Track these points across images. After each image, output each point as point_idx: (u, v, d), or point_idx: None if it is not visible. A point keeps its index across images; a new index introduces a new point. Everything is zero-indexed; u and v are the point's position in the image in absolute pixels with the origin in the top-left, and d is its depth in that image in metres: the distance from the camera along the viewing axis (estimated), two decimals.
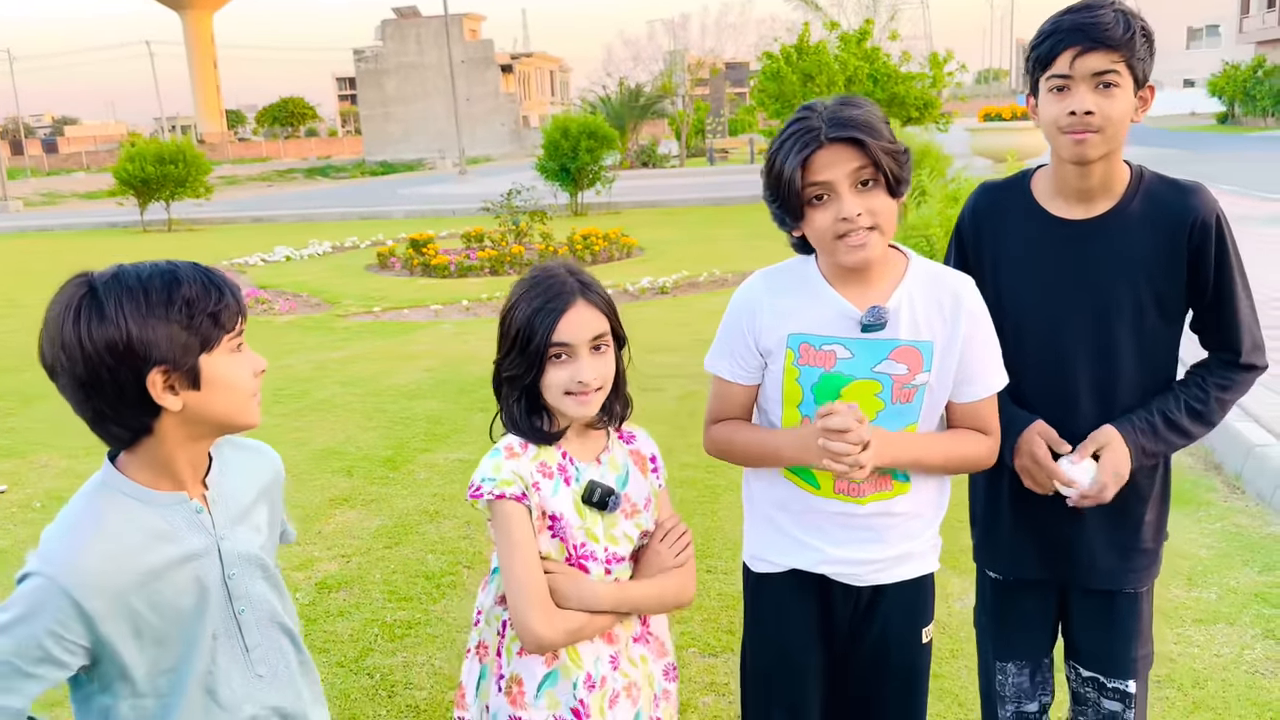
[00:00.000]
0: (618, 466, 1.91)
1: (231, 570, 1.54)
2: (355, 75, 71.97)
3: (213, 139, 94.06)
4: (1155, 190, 2.01)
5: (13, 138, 79.70)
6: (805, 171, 1.78)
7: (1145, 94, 1.95)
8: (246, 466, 1.63)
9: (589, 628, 1.82)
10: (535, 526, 1.82)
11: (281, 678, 1.62)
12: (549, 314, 1.77)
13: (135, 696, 1.48)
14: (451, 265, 13.15)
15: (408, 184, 37.29)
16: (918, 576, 2.03)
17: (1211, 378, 2.05)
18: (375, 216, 23.25)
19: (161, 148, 22.08)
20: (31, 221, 27.14)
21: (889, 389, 1.91)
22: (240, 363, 1.48)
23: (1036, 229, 2.07)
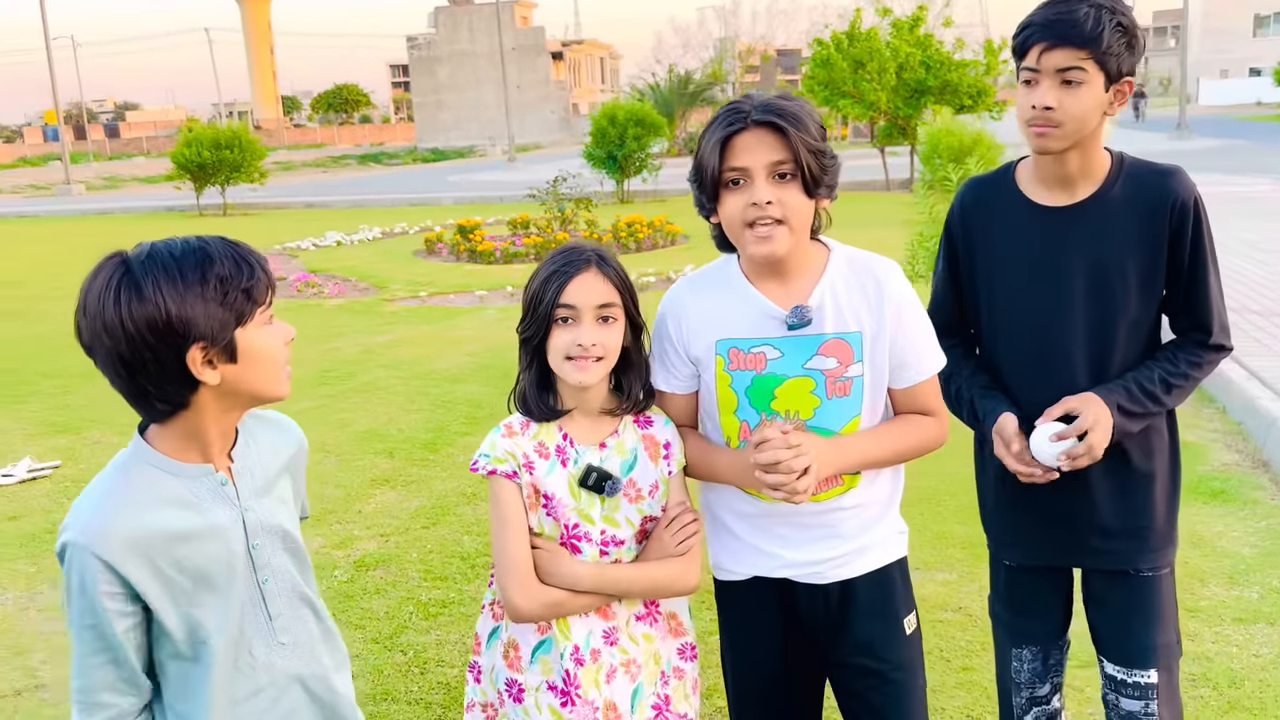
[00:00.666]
0: (625, 451, 1.93)
1: (255, 541, 1.59)
2: (408, 62, 72.56)
3: (269, 125, 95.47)
4: (1136, 174, 2.04)
5: (76, 123, 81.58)
6: (725, 154, 1.77)
7: (1122, 87, 1.97)
8: (271, 440, 1.68)
9: (569, 604, 1.87)
10: (527, 503, 1.87)
11: (303, 646, 1.67)
12: (560, 277, 1.83)
13: (174, 657, 1.54)
14: (497, 251, 13.27)
15: (457, 171, 37.59)
16: (884, 566, 2.00)
17: (1183, 354, 2.07)
18: (425, 203, 23.47)
19: (218, 133, 22.47)
20: (92, 205, 27.82)
21: (823, 384, 1.89)
22: (273, 334, 1.53)
23: (1021, 218, 2.10)
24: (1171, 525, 2.15)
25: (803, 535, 1.96)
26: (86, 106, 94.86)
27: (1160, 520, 2.12)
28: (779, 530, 1.97)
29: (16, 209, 28.10)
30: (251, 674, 1.60)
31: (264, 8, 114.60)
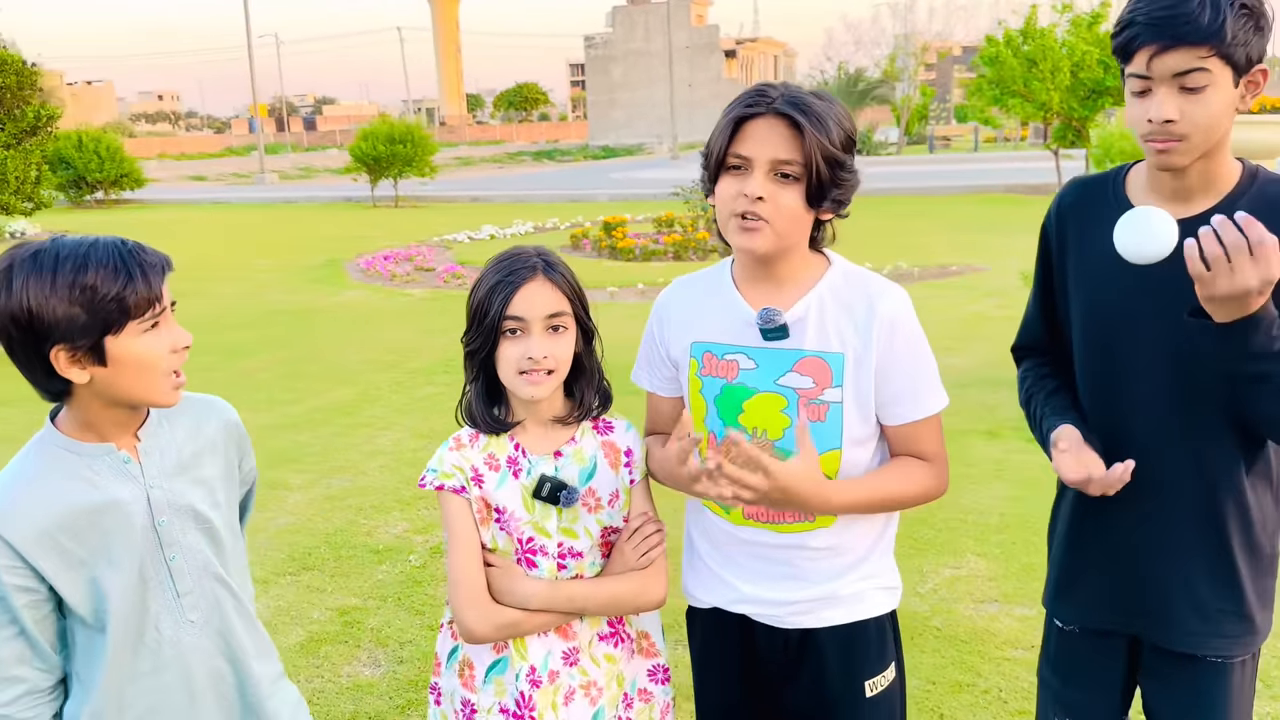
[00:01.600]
0: (584, 459, 1.85)
1: (161, 518, 1.62)
2: (584, 61, 74.11)
3: (453, 121, 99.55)
4: (1269, 193, 1.69)
5: (278, 116, 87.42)
6: (734, 137, 1.66)
7: (1255, 77, 1.63)
8: (192, 421, 1.70)
9: (525, 624, 1.79)
10: (478, 518, 1.81)
11: (214, 625, 1.68)
12: (506, 287, 1.74)
13: (82, 625, 1.59)
14: (636, 249, 13.34)
15: (620, 168, 38.13)
16: (854, 622, 1.83)
17: None
18: (580, 199, 23.91)
19: (393, 128, 23.53)
20: (281, 193, 29.75)
21: (794, 404, 1.75)
22: (151, 343, 1.53)
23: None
24: (1264, 609, 1.81)
25: (763, 568, 1.83)
26: (287, 101, 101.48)
27: (1250, 605, 1.79)
28: (741, 560, 1.85)
29: (215, 195, 30.38)
30: (157, 649, 1.62)
31: (453, 7, 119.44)
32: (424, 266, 13.24)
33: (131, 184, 26.78)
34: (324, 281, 12.36)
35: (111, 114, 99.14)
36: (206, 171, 44.75)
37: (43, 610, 1.55)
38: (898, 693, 1.90)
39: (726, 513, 1.84)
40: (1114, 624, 1.88)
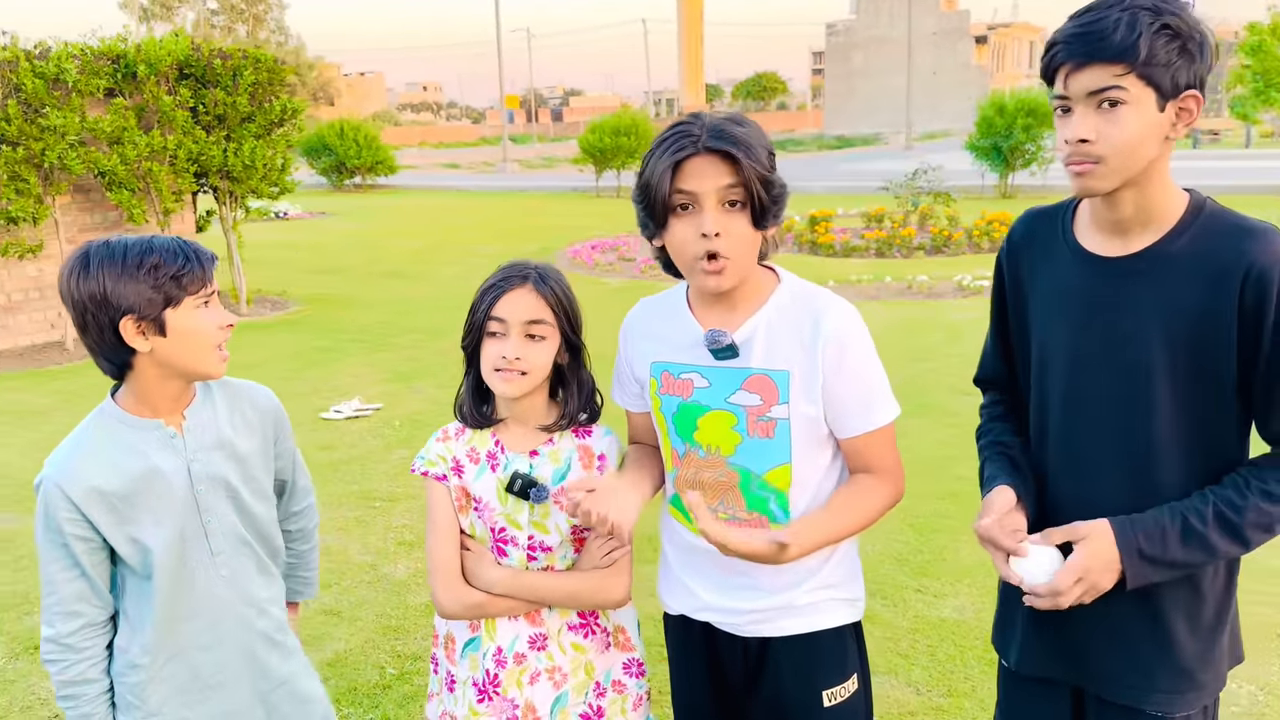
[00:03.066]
0: (559, 459, 1.96)
1: (199, 487, 1.88)
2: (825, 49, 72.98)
3: (690, 111, 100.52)
4: (1211, 228, 1.62)
5: (528, 107, 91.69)
6: (675, 177, 1.70)
7: (1187, 103, 1.55)
8: (230, 404, 1.96)
9: (490, 606, 1.94)
10: (458, 505, 1.97)
11: (241, 581, 1.95)
12: (495, 290, 1.90)
13: (131, 572, 1.88)
14: (837, 244, 13.13)
15: (851, 159, 37.37)
16: (812, 631, 1.87)
17: (1256, 480, 1.61)
18: (798, 191, 23.50)
19: (619, 120, 24.25)
20: (518, 182, 31.38)
21: (744, 421, 1.80)
22: (204, 317, 1.80)
23: (1067, 266, 1.75)
24: (1208, 665, 1.73)
25: (723, 579, 1.90)
26: (537, 92, 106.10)
27: (1187, 656, 1.71)
28: (702, 566, 1.92)
29: (459, 183, 32.41)
30: (192, 598, 1.89)
31: None
32: (627, 256, 13.63)
33: (385, 170, 29.05)
34: None
35: (381, 103, 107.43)
36: (460, 159, 47.68)
37: (98, 556, 1.83)
38: (860, 704, 1.92)
39: (690, 523, 1.90)
40: (1055, 674, 1.84)
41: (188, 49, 9.62)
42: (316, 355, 8.63)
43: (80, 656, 1.84)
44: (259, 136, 10.13)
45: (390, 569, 4.39)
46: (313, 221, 20.76)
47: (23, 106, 8.40)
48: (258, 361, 8.38)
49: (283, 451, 2.07)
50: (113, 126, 8.90)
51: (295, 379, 7.76)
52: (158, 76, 9.28)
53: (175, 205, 9.59)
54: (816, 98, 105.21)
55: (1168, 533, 1.60)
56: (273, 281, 12.30)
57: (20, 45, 8.70)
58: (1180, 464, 1.65)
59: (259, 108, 10.10)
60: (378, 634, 3.79)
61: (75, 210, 9.34)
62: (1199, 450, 1.65)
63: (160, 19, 57.75)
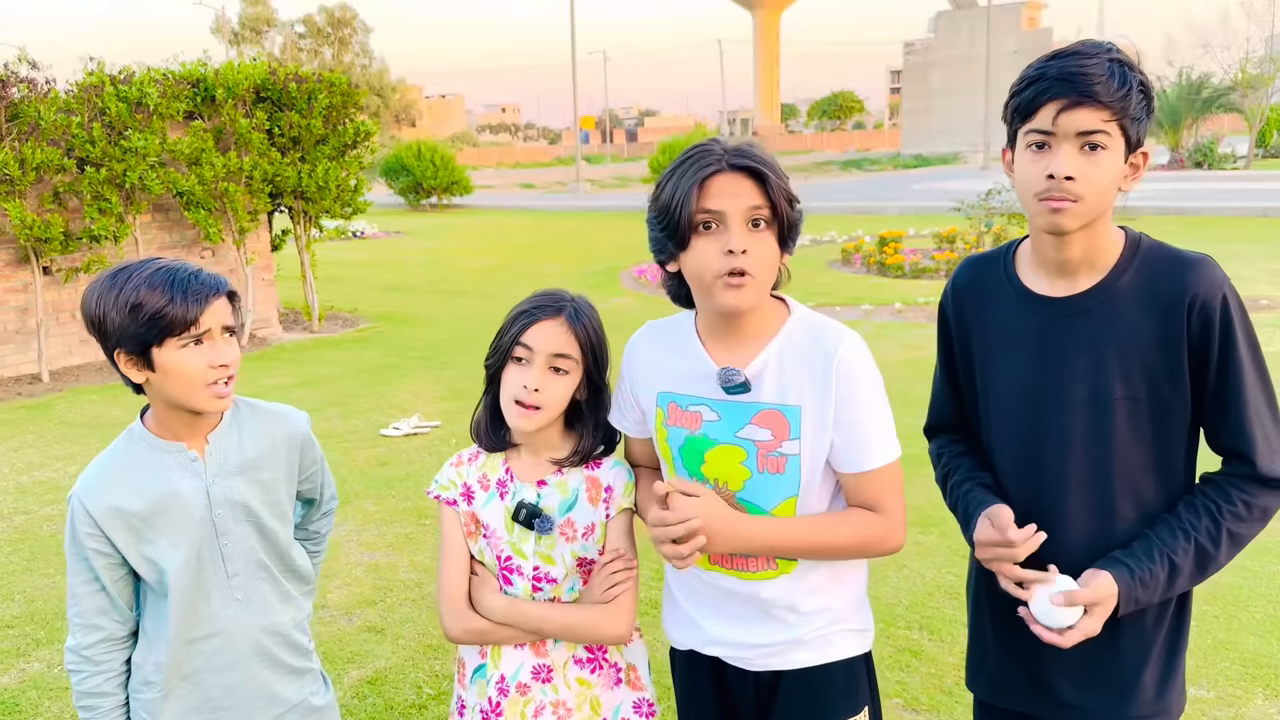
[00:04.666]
0: (567, 490, 1.94)
1: (218, 510, 1.90)
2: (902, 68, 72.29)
3: (764, 131, 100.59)
4: (1152, 263, 1.71)
5: (603, 128, 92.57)
6: (700, 196, 1.66)
7: (1137, 160, 1.66)
8: (257, 429, 1.97)
9: (493, 634, 1.92)
10: (466, 531, 1.96)
11: (258, 604, 1.96)
12: (527, 317, 1.88)
13: (150, 590, 1.91)
14: (906, 265, 12.93)
15: (926, 178, 36.89)
16: (823, 664, 1.83)
17: (1226, 504, 1.69)
18: (870, 211, 23.42)
19: (690, 141, 24.26)
20: (590, 202, 31.67)
21: (754, 456, 1.76)
22: (188, 358, 1.78)
23: (1014, 308, 1.80)
24: (1165, 693, 1.79)
25: (734, 612, 1.86)
26: (613, 113, 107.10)
27: (1148, 686, 1.77)
28: (712, 601, 1.88)
29: (532, 203, 32.84)
30: (210, 619, 1.91)
31: (775, 19, 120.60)
32: None
33: (461, 190, 29.58)
34: (596, 288, 13.06)
35: (461, 125, 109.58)
36: (535, 179, 48.34)
37: (118, 573, 1.86)
38: None
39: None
40: (1020, 705, 1.89)
41: (265, 73, 9.92)
42: (382, 372, 8.77)
43: (98, 669, 1.88)
44: (332, 158, 10.38)
45: (436, 588, 4.40)
46: (388, 240, 21.19)
47: (106, 129, 8.74)
48: (327, 377, 8.55)
49: (310, 475, 2.09)
50: (191, 148, 9.20)
51: (360, 395, 7.89)
52: (235, 100, 9.57)
53: (250, 225, 9.86)
54: (893, 117, 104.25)
55: (1158, 578, 1.68)
56: (345, 299, 12.57)
57: (106, 70, 9.06)
58: (1138, 491, 1.73)
59: (333, 130, 10.35)
60: (419, 653, 3.81)
61: (154, 229, 9.67)
62: (1155, 476, 1.73)
63: (250, 43, 59.78)
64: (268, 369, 8.92)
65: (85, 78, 8.88)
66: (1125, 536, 1.72)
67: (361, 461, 6.18)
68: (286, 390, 8.08)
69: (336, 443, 6.54)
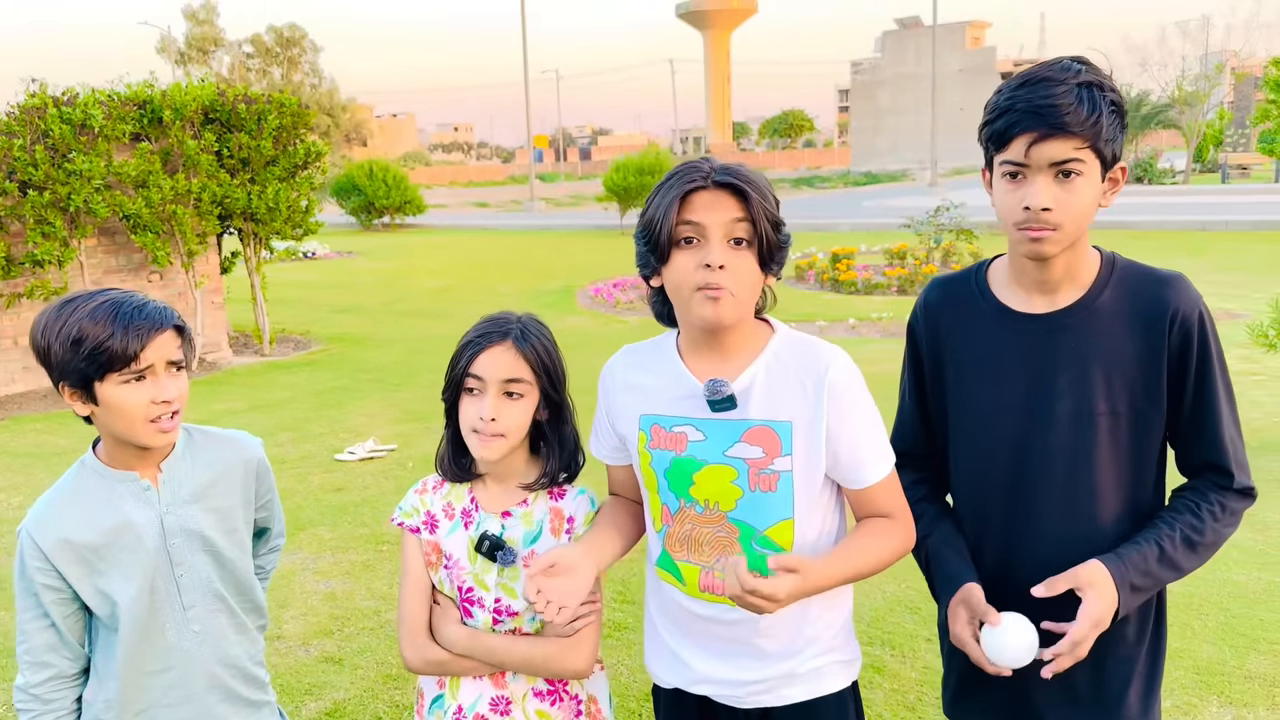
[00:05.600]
0: (531, 522, 1.91)
1: (173, 540, 1.85)
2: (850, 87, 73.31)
3: (718, 149, 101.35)
4: (1129, 281, 1.74)
5: (556, 146, 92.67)
6: (682, 209, 1.66)
7: (1115, 174, 1.68)
8: (211, 455, 1.93)
9: (452, 665, 1.89)
10: (429, 560, 1.93)
11: (213, 637, 1.91)
12: (474, 347, 1.85)
13: (102, 624, 1.86)
14: (859, 281, 13.07)
15: (876, 195, 37.39)
16: (814, 699, 1.81)
17: (1206, 505, 1.74)
18: (821, 228, 23.65)
19: (643, 159, 24.43)
20: (545, 221, 31.60)
21: (745, 475, 1.73)
22: (129, 394, 1.74)
23: (992, 326, 1.81)
24: (1148, 709, 1.82)
25: (721, 647, 1.82)
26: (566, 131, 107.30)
27: (1133, 704, 1.80)
28: (698, 635, 1.84)
29: (487, 221, 32.72)
30: (164, 653, 1.86)
31: (725, 38, 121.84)
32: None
33: (414, 209, 29.36)
34: (553, 306, 13.05)
35: (413, 144, 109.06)
36: (489, 198, 48.20)
37: (69, 608, 1.81)
38: None
39: (682, 584, 1.84)
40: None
41: (213, 94, 9.79)
42: (335, 395, 8.66)
43: (48, 708, 1.82)
44: (283, 179, 10.25)
45: (394, 616, 4.34)
46: (340, 261, 20.98)
47: (50, 152, 8.56)
48: (279, 401, 8.42)
49: (265, 503, 2.05)
50: (138, 170, 9.04)
51: (313, 419, 7.78)
52: (183, 121, 9.43)
53: (199, 247, 9.70)
54: (843, 135, 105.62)
55: (1149, 562, 1.70)
56: (297, 321, 12.41)
57: (49, 92, 8.89)
58: (1117, 503, 1.76)
59: (283, 151, 10.23)
60: (378, 683, 3.74)
61: (100, 253, 9.47)
62: (1132, 488, 1.77)
63: (197, 63, 59.03)
64: (218, 394, 8.76)
65: (27, 99, 8.70)
66: (1103, 549, 1.73)
67: (316, 487, 6.08)
68: (237, 415, 7.95)
69: (290, 468, 6.43)
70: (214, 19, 60.44)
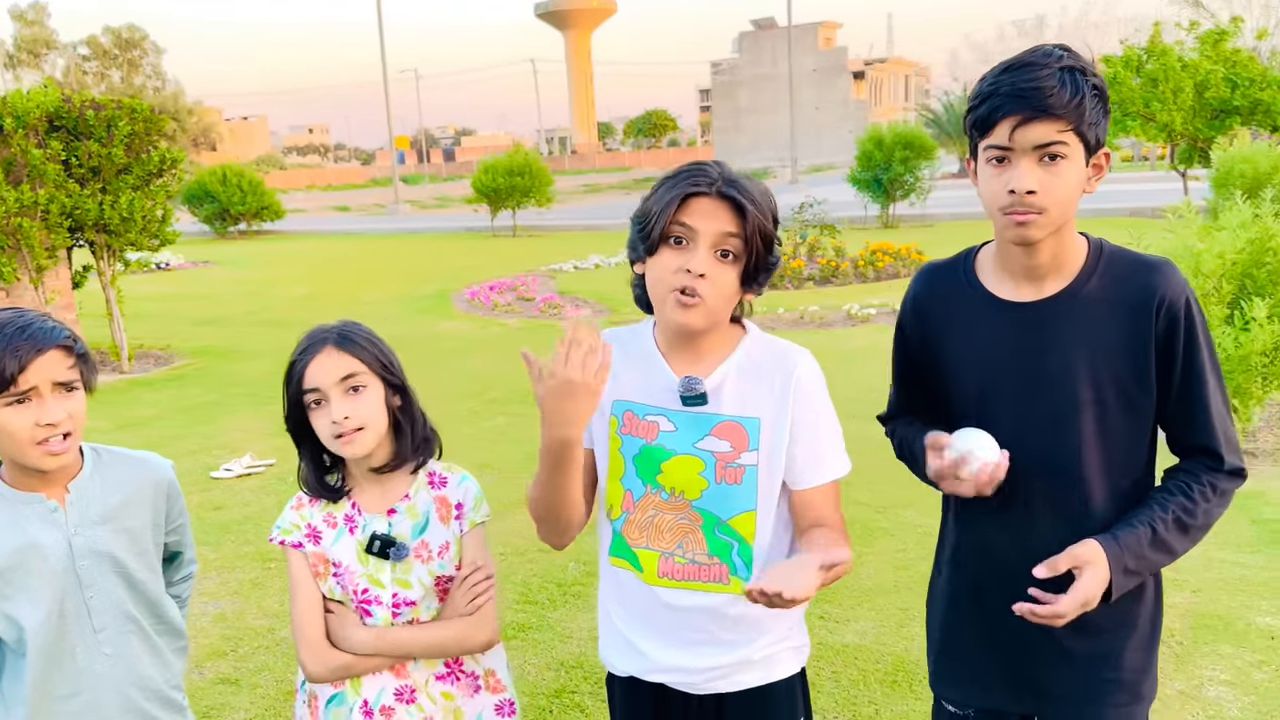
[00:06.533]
0: (416, 514, 1.98)
1: (81, 562, 1.82)
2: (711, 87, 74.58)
3: (583, 149, 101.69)
4: (1116, 267, 1.76)
5: (419, 148, 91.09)
6: (680, 209, 1.71)
7: (1099, 160, 1.69)
8: (119, 476, 1.91)
9: (357, 666, 1.94)
10: (315, 571, 1.96)
11: (126, 660, 1.89)
12: (300, 364, 1.90)
13: (8, 648, 1.82)
14: None
15: None
16: (766, 684, 1.88)
17: (1197, 486, 1.75)
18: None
19: (511, 161, 24.28)
20: (411, 224, 31.02)
21: (712, 467, 1.80)
22: (12, 418, 1.72)
23: (980, 314, 1.83)
24: (1145, 677, 1.85)
25: (677, 635, 1.86)
26: (428, 132, 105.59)
27: (1133, 672, 1.83)
28: (656, 623, 1.87)
29: (350, 226, 31.92)
30: (74, 677, 1.83)
31: (586, 39, 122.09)
32: (526, 296, 13.64)
33: (271, 215, 28.39)
34: (429, 311, 12.89)
35: (265, 147, 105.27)
36: (350, 202, 46.94)
37: None
38: None
39: (640, 571, 1.87)
40: (1004, 703, 1.89)
41: (58, 100, 9.30)
42: (205, 410, 8.36)
43: None
44: (137, 188, 9.81)
45: (289, 633, 4.25)
46: (196, 271, 20.15)
47: None
48: (145, 420, 8.08)
49: (176, 526, 2.03)
50: None
51: (184, 436, 7.50)
52: (26, 129, 8.93)
53: (48, 262, 9.21)
54: (705, 134, 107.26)
55: (1143, 545, 1.71)
56: (156, 335, 11.88)
57: None
58: (1104, 489, 1.77)
59: (136, 158, 9.80)
60: (279, 700, 3.68)
61: None
62: (1120, 474, 1.78)
63: (29, 66, 55.56)
64: None
65: None
66: (1095, 532, 1.74)
67: (195, 507, 5.85)
68: (102, 435, 7.51)
69: None
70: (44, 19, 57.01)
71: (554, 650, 3.93)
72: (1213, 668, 3.53)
